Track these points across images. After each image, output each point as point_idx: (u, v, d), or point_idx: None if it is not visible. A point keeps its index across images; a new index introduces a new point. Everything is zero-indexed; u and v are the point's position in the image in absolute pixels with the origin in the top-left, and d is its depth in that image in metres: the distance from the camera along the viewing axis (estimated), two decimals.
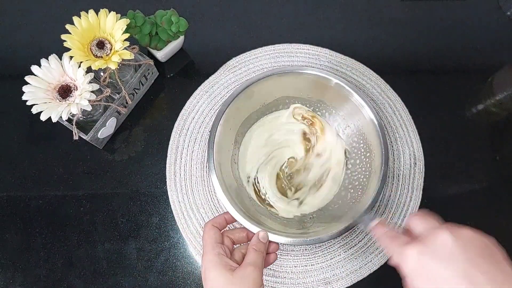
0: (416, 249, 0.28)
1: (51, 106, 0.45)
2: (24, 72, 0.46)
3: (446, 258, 0.27)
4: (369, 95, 0.60)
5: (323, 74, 0.50)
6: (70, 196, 0.54)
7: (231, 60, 0.61)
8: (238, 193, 0.50)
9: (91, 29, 0.48)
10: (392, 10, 0.67)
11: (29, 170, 0.55)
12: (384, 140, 0.47)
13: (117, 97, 0.53)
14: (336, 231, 0.43)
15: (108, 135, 0.56)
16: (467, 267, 0.26)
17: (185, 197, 0.54)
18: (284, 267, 0.51)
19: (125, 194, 0.54)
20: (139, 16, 0.53)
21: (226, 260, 0.37)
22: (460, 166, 0.58)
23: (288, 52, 0.62)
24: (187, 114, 0.58)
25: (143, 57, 0.55)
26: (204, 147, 0.56)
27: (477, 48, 0.65)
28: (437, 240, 0.28)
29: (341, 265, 0.51)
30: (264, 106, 0.55)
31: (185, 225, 0.52)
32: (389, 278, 0.51)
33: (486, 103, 0.62)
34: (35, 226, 0.52)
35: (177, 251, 0.52)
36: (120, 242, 0.52)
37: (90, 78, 0.47)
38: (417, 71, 0.63)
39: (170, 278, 0.51)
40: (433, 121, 0.59)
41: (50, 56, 0.47)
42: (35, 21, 0.64)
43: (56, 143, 0.57)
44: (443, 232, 0.28)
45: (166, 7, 0.56)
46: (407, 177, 0.56)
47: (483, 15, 0.67)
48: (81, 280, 0.50)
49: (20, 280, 0.50)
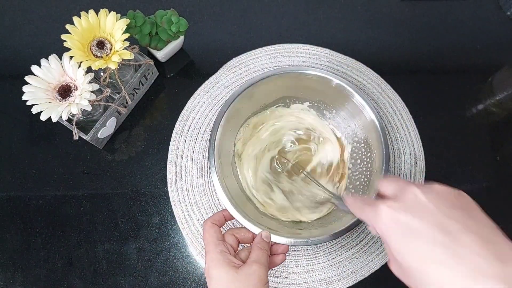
0: (388, 204, 0.28)
1: (51, 106, 0.45)
2: (24, 72, 0.46)
3: (419, 211, 0.27)
4: (369, 95, 0.60)
5: (323, 74, 0.50)
6: (70, 196, 0.54)
7: (231, 61, 0.61)
8: (239, 193, 0.50)
9: (91, 29, 0.48)
10: (392, 10, 0.67)
11: (29, 170, 0.55)
12: (385, 140, 0.47)
13: (117, 97, 0.53)
14: (337, 231, 0.43)
15: (108, 135, 0.56)
16: (441, 218, 0.26)
17: (186, 197, 0.54)
18: (285, 267, 0.51)
19: (125, 194, 0.54)
20: (139, 16, 0.53)
21: (230, 258, 0.37)
22: (460, 166, 0.58)
23: (288, 52, 0.62)
24: (187, 115, 0.58)
25: (143, 57, 0.55)
26: (204, 147, 0.56)
27: (477, 48, 0.65)
28: (410, 195, 0.28)
29: (342, 265, 0.51)
30: (265, 106, 0.55)
31: (186, 226, 0.52)
32: (390, 278, 0.51)
33: (486, 103, 0.62)
34: (35, 226, 0.52)
35: (177, 251, 0.52)
36: (120, 242, 0.52)
37: (90, 78, 0.47)
38: (417, 71, 0.63)
39: (170, 278, 0.51)
40: (434, 121, 0.59)
41: (50, 56, 0.47)
42: (35, 21, 0.64)
43: (56, 143, 0.57)
44: (414, 188, 0.28)
45: (166, 7, 0.56)
46: (408, 176, 0.56)
47: (483, 15, 0.67)
48: (81, 280, 0.50)
49: (20, 280, 0.50)
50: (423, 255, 0.26)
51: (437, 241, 0.25)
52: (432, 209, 0.27)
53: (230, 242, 0.40)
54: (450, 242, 0.25)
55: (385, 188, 0.32)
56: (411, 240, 0.27)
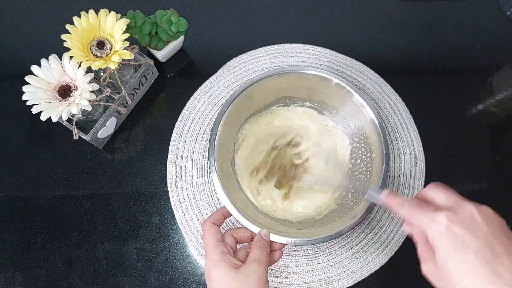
0: (447, 216, 0.31)
1: (51, 106, 0.45)
2: (24, 72, 0.46)
3: (473, 227, 0.30)
4: (369, 95, 0.60)
5: (323, 74, 0.50)
6: (70, 196, 0.54)
7: (231, 61, 0.61)
8: (239, 193, 0.50)
9: (91, 29, 0.48)
10: (392, 10, 0.67)
11: (29, 170, 0.55)
12: (384, 140, 0.47)
13: (117, 97, 0.53)
14: (337, 231, 0.43)
15: (108, 135, 0.56)
16: (489, 238, 0.30)
17: (186, 197, 0.54)
18: (285, 267, 0.51)
19: (125, 194, 0.54)
20: (139, 16, 0.53)
21: (230, 259, 0.37)
22: (460, 166, 0.58)
23: (288, 52, 0.62)
24: (187, 115, 0.58)
25: (143, 57, 0.55)
26: (204, 147, 0.56)
27: (477, 48, 0.65)
28: (465, 211, 0.31)
29: (342, 265, 0.51)
30: (264, 106, 0.55)
31: (186, 226, 0.52)
32: (390, 278, 0.51)
33: (486, 103, 0.62)
34: (35, 226, 0.52)
35: (177, 251, 0.52)
36: (120, 242, 0.52)
37: (90, 78, 0.47)
38: (417, 71, 0.63)
39: (170, 278, 0.51)
40: (434, 121, 0.59)
41: (50, 56, 0.47)
42: (35, 21, 0.64)
43: (56, 143, 0.57)
44: (470, 205, 0.32)
45: (166, 7, 0.56)
46: (407, 176, 0.56)
47: (483, 15, 0.67)
48: (81, 280, 0.50)
49: (20, 280, 0.50)
50: (468, 267, 0.29)
51: (484, 258, 0.29)
52: (485, 230, 0.30)
53: (229, 242, 0.40)
54: (493, 261, 0.29)
55: (435, 196, 0.34)
56: (462, 252, 0.30)
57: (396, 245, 0.52)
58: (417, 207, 0.34)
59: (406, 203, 0.35)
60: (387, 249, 0.52)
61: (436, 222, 0.31)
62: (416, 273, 0.51)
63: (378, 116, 0.48)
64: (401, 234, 0.53)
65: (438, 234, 0.31)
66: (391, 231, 0.53)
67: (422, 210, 0.33)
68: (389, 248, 0.52)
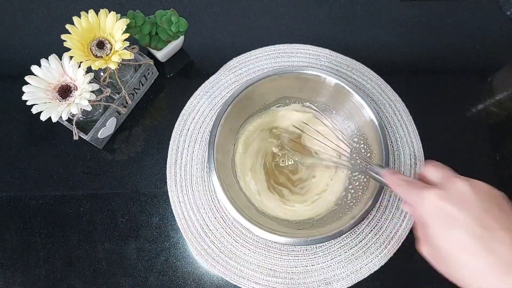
0: (435, 192, 0.30)
1: (51, 106, 0.45)
2: (24, 72, 0.46)
3: (463, 203, 0.29)
4: (369, 95, 0.60)
5: (323, 75, 0.50)
6: (69, 196, 0.54)
7: (231, 61, 0.61)
8: (239, 193, 0.50)
9: (91, 29, 0.48)
10: (392, 10, 0.67)
11: (29, 170, 0.55)
12: (384, 140, 0.47)
13: (117, 97, 0.53)
14: (336, 231, 0.43)
15: (108, 135, 0.56)
16: (482, 214, 0.28)
17: (186, 197, 0.54)
18: (284, 267, 0.51)
19: (125, 194, 0.54)
20: (139, 16, 0.53)
21: None
22: (460, 166, 0.57)
23: (288, 52, 0.62)
24: (187, 115, 0.58)
25: (143, 57, 0.55)
26: (204, 147, 0.56)
27: (477, 48, 0.65)
28: (456, 187, 0.30)
29: (341, 266, 0.51)
30: (264, 106, 0.55)
31: (186, 226, 0.52)
32: (389, 279, 0.51)
33: (486, 103, 0.62)
34: (35, 226, 0.52)
35: (177, 251, 0.52)
36: (120, 242, 0.52)
37: (90, 78, 0.47)
38: (417, 71, 0.63)
39: (170, 278, 0.51)
40: (433, 121, 0.59)
41: (50, 56, 0.47)
42: (35, 21, 0.64)
43: (56, 143, 0.57)
44: (461, 181, 0.30)
45: (166, 7, 0.56)
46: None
47: (483, 15, 0.67)
48: (81, 280, 0.50)
49: (20, 280, 0.50)
50: (460, 244, 0.28)
51: (476, 234, 0.27)
52: (476, 205, 0.28)
53: None
54: (487, 237, 0.27)
55: (430, 174, 0.33)
56: (452, 228, 0.28)
57: (396, 246, 0.52)
58: (410, 185, 0.33)
59: (401, 181, 0.34)
60: (386, 250, 0.52)
61: (425, 199, 0.30)
62: (416, 274, 0.52)
63: (377, 116, 0.48)
64: (400, 235, 0.53)
65: (427, 212, 0.30)
66: (390, 231, 0.53)
67: (414, 188, 0.32)
68: (389, 249, 0.52)
